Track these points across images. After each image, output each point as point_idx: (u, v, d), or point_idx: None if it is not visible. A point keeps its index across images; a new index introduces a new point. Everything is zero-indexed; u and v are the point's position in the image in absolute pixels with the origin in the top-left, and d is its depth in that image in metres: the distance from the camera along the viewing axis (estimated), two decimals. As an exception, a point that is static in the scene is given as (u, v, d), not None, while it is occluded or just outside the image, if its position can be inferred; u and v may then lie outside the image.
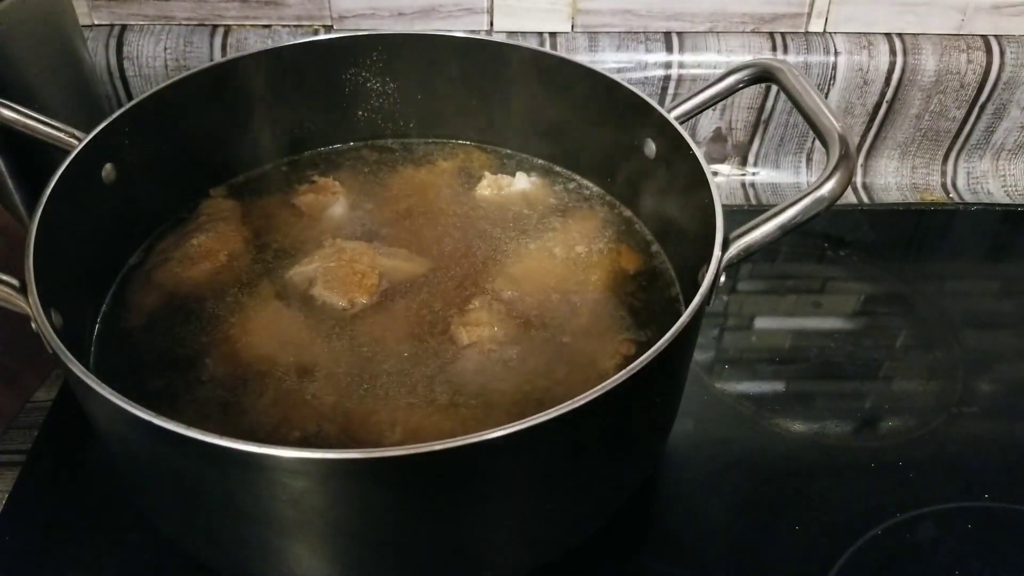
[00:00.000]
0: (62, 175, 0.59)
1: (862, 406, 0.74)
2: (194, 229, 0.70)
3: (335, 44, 0.74)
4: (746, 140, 0.97)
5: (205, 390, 0.59)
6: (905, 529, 0.64)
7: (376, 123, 0.80)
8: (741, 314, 0.82)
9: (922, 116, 0.96)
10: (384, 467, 0.44)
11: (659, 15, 0.91)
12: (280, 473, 0.45)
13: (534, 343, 0.61)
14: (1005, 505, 0.66)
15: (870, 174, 1.00)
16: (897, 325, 0.81)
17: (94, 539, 0.63)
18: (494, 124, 0.79)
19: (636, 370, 0.46)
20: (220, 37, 0.90)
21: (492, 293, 0.65)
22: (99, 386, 0.46)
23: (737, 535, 0.64)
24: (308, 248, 0.68)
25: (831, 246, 0.89)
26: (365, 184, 0.76)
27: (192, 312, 0.64)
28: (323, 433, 0.56)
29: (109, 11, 0.90)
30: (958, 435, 0.72)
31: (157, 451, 0.49)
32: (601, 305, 0.65)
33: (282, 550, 0.52)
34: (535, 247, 0.69)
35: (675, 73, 0.92)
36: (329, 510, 0.48)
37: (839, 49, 0.92)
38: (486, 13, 0.91)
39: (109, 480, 0.66)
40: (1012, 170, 1.01)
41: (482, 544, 0.54)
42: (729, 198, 0.97)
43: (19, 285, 0.52)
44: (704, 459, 0.69)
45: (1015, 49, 0.93)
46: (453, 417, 0.57)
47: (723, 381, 0.75)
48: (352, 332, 0.62)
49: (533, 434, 0.44)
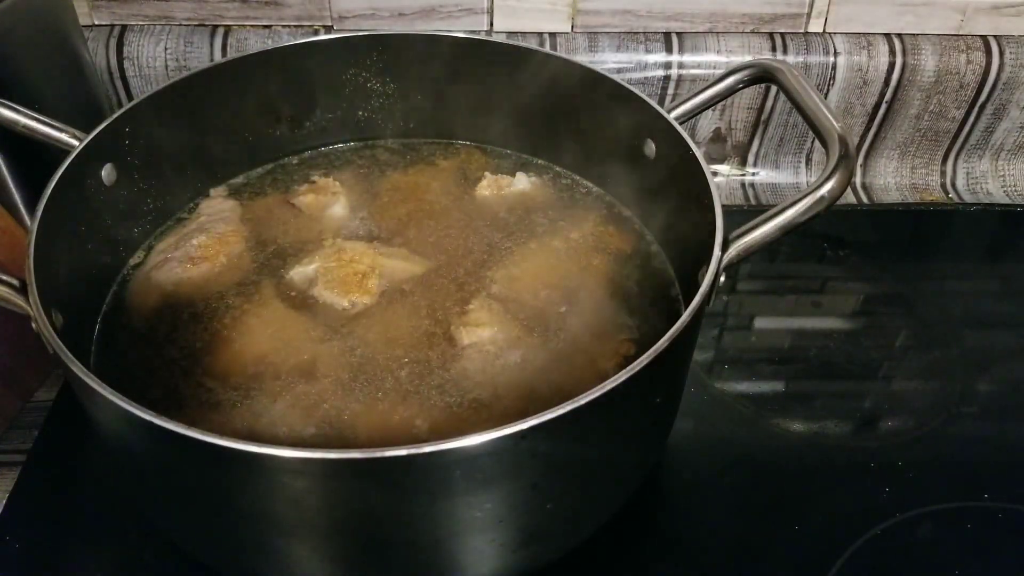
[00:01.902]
0: (62, 175, 0.59)
1: (862, 406, 0.74)
2: (194, 229, 0.70)
3: (335, 44, 0.74)
4: (746, 140, 0.97)
5: (205, 390, 0.59)
6: (905, 529, 0.64)
7: (376, 123, 0.80)
8: (741, 314, 0.82)
9: (922, 116, 0.96)
10: (384, 467, 0.44)
11: (659, 15, 0.91)
12: (280, 473, 0.45)
13: (534, 343, 0.61)
14: (1005, 505, 0.66)
15: (870, 174, 1.00)
16: (897, 325, 0.81)
17: (94, 539, 0.63)
18: (494, 124, 0.79)
19: (636, 370, 0.46)
20: (220, 37, 0.90)
21: (492, 293, 0.65)
22: (99, 386, 0.46)
23: (737, 535, 0.64)
24: (308, 248, 0.68)
25: (831, 246, 0.89)
26: (365, 184, 0.76)
27: (192, 312, 0.64)
28: (323, 433, 0.56)
29: (109, 11, 0.90)
30: (958, 435, 0.72)
31: (157, 451, 0.49)
32: (601, 305, 0.65)
33: (282, 550, 0.52)
34: (535, 247, 0.69)
35: (675, 73, 0.92)
36: (329, 510, 0.48)
37: (839, 49, 0.92)
38: (486, 13, 0.91)
39: (109, 480, 0.66)
40: (1011, 170, 1.01)
41: (482, 544, 0.54)
42: (729, 198, 0.97)
43: (19, 285, 0.52)
44: (704, 459, 0.69)
45: (1015, 49, 0.93)
46: (453, 417, 0.57)
47: (723, 381, 0.75)
48: (352, 332, 0.62)
49: (533, 434, 0.44)
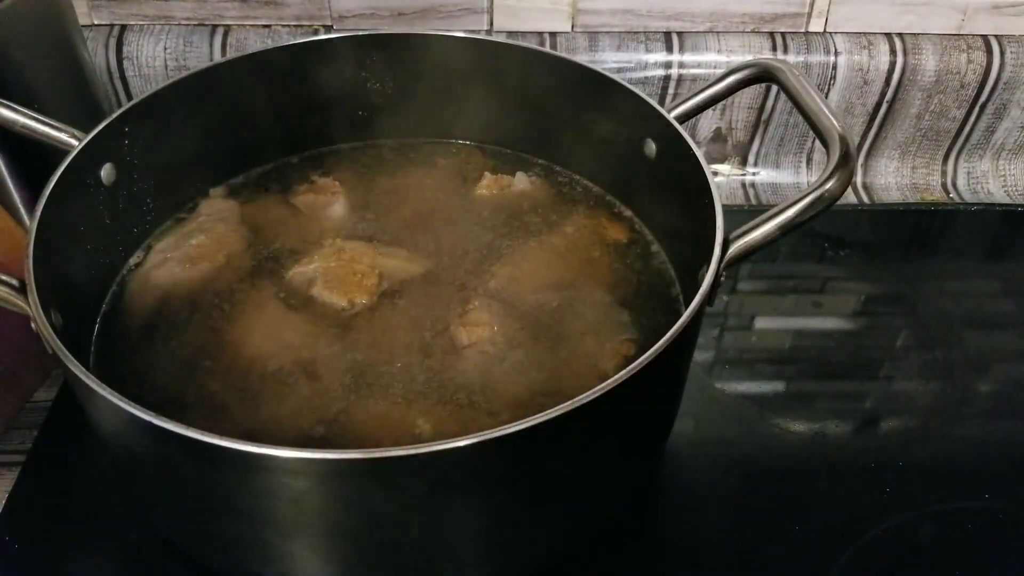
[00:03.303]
0: (62, 175, 0.58)
1: (862, 406, 0.74)
2: (194, 229, 0.70)
3: (335, 44, 0.74)
4: (746, 140, 0.97)
5: (204, 390, 0.58)
6: (905, 529, 0.64)
7: (376, 123, 0.79)
8: (741, 314, 0.82)
9: (922, 116, 0.96)
10: (384, 467, 0.44)
11: (659, 15, 0.91)
12: (280, 473, 0.45)
13: (533, 343, 0.61)
14: (1005, 505, 0.66)
15: (870, 174, 1.00)
16: (897, 325, 0.81)
17: (94, 539, 0.63)
18: (494, 124, 0.79)
19: (636, 370, 0.46)
20: (220, 37, 0.90)
21: (492, 293, 0.65)
22: (99, 386, 0.46)
23: (737, 535, 0.64)
24: (308, 248, 0.68)
25: (831, 246, 0.89)
26: (365, 184, 0.76)
27: (191, 312, 0.64)
28: (323, 433, 0.56)
29: (109, 11, 0.90)
30: (958, 435, 0.72)
31: (157, 451, 0.49)
32: (601, 305, 0.65)
33: (282, 550, 0.52)
34: (534, 247, 0.69)
35: (675, 73, 0.92)
36: (329, 510, 0.48)
37: (839, 49, 0.92)
38: (486, 13, 0.91)
39: (109, 480, 0.66)
40: (1012, 170, 1.01)
41: (482, 544, 0.54)
42: (729, 198, 0.97)
43: (19, 285, 0.52)
44: (704, 459, 0.69)
45: (1015, 49, 0.93)
46: (453, 417, 0.57)
47: (723, 381, 0.75)
48: (352, 332, 0.62)
49: (533, 434, 0.44)
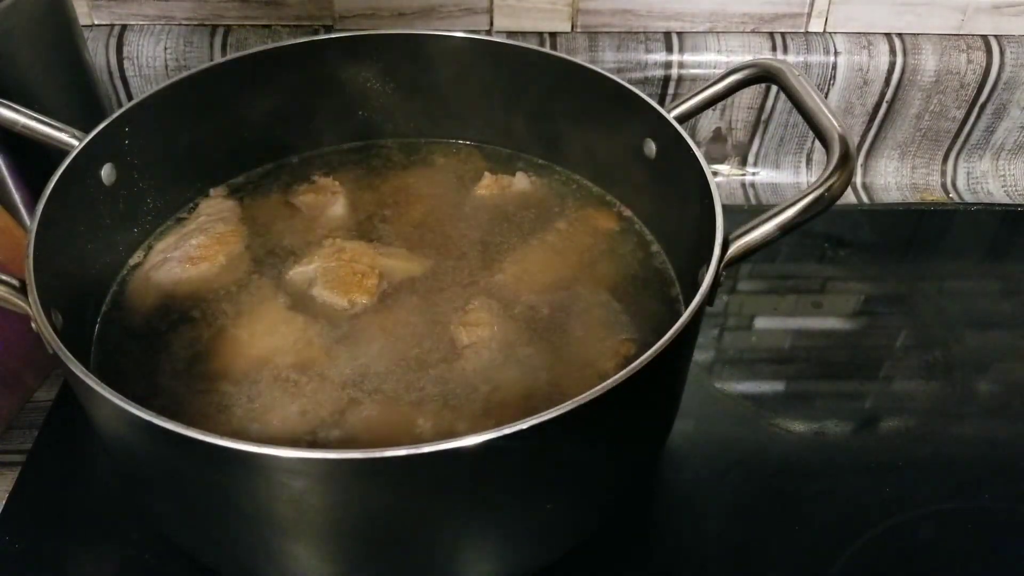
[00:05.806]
0: (62, 175, 0.58)
1: (862, 406, 0.74)
2: (194, 229, 0.70)
3: (335, 44, 0.74)
4: (746, 140, 0.97)
5: (204, 390, 0.59)
6: (905, 529, 0.64)
7: (376, 123, 0.79)
8: (741, 314, 0.82)
9: (922, 116, 0.96)
10: (384, 467, 0.44)
11: (659, 15, 0.91)
12: (280, 473, 0.45)
13: (533, 343, 0.61)
14: (1005, 505, 0.66)
15: (870, 174, 1.00)
16: (897, 325, 0.81)
17: (94, 539, 0.63)
18: (494, 124, 0.79)
19: (636, 370, 0.46)
20: (220, 37, 0.90)
21: (492, 293, 0.65)
22: (99, 386, 0.46)
23: (737, 535, 0.64)
24: (308, 248, 0.68)
25: (831, 246, 0.89)
26: (365, 184, 0.76)
27: (192, 312, 0.64)
28: (323, 433, 0.56)
29: (109, 11, 0.90)
30: (958, 435, 0.72)
31: (157, 451, 0.49)
32: (601, 305, 0.65)
33: (282, 550, 0.52)
34: (535, 247, 0.69)
35: (675, 73, 0.92)
36: (329, 510, 0.48)
37: (839, 49, 0.92)
38: (486, 13, 0.91)
39: (109, 480, 0.66)
40: (1012, 170, 1.01)
41: (482, 544, 0.54)
42: (729, 198, 0.97)
43: (19, 285, 0.52)
44: (704, 459, 0.69)
45: (1015, 49, 0.93)
46: (453, 417, 0.57)
47: (723, 381, 0.75)
48: (352, 332, 0.62)
49: (532, 434, 0.44)
